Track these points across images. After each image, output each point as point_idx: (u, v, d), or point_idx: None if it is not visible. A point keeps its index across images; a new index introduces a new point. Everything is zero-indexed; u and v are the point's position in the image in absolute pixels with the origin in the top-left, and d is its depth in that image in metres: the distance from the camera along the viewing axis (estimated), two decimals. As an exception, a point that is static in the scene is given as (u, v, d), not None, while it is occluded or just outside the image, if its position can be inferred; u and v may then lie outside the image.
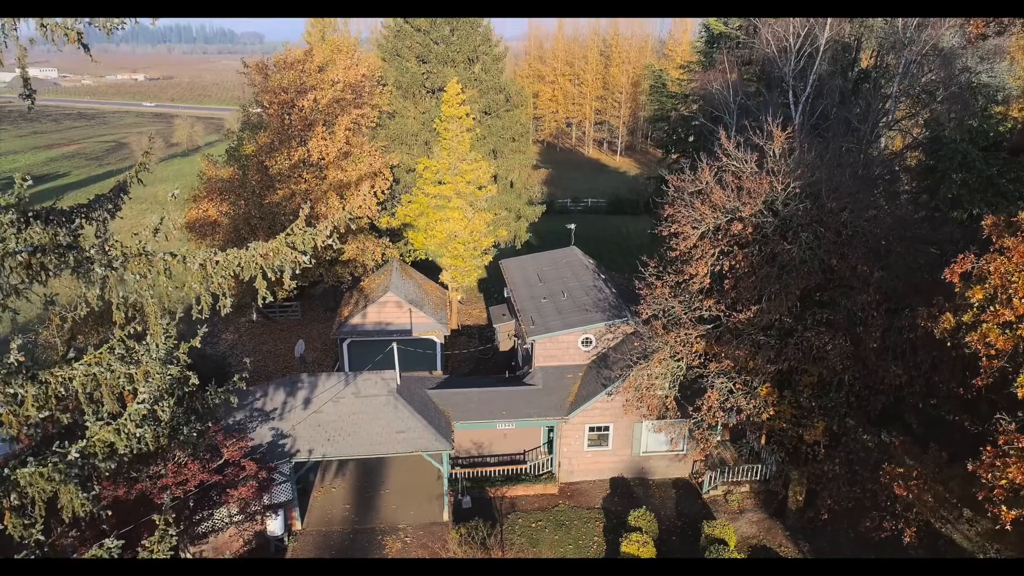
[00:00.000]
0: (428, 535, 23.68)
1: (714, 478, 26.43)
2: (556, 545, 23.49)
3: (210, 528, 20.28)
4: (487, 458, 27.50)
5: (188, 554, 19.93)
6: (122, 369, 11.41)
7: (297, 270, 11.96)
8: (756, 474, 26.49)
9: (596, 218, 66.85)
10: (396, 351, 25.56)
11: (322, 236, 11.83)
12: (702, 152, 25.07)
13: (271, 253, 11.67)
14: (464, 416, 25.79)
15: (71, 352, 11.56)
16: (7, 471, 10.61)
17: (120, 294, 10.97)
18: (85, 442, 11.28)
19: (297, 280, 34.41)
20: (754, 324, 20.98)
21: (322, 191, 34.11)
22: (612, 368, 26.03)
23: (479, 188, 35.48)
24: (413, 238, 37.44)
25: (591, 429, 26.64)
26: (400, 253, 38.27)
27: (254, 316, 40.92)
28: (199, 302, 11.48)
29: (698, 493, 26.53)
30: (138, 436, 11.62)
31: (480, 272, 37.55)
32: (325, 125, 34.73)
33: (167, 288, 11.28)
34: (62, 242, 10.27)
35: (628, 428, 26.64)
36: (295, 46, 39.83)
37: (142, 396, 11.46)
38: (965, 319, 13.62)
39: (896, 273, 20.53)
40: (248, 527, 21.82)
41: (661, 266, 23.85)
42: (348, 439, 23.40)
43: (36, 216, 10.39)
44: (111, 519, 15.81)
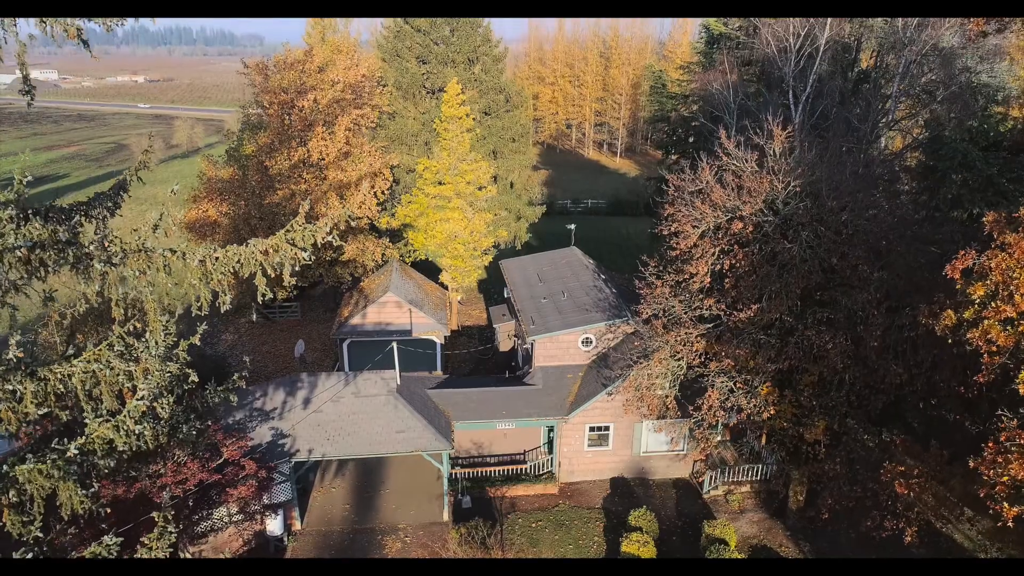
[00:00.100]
0: (428, 535, 23.63)
1: (714, 478, 26.38)
2: (556, 545, 23.44)
3: (209, 528, 20.25)
4: (487, 458, 27.45)
5: (187, 554, 19.85)
6: (121, 366, 11.36)
7: (297, 267, 11.93)
8: (757, 474, 26.45)
9: (596, 219, 66.92)
10: (396, 351, 25.54)
11: (322, 233, 11.80)
12: (702, 152, 25.05)
13: (271, 250, 11.63)
14: (464, 416, 25.76)
15: (70, 349, 11.50)
16: (6, 468, 10.57)
17: (119, 291, 10.93)
18: (84, 439, 11.24)
19: (297, 280, 34.49)
20: (755, 323, 20.96)
21: (322, 191, 34.08)
22: (612, 368, 25.99)
23: (479, 188, 35.48)
24: (413, 238, 37.42)
25: (591, 429, 26.60)
26: (400, 254, 38.24)
27: (254, 317, 41.00)
28: (199, 299, 11.46)
29: (698, 493, 26.49)
30: (137, 433, 11.58)
31: (480, 273, 37.52)
32: (325, 125, 34.71)
33: (166, 285, 11.25)
34: (61, 238, 10.24)
35: (628, 428, 26.60)
36: (295, 47, 39.84)
37: (141, 393, 11.43)
38: (966, 316, 13.60)
39: (897, 272, 20.51)
40: (248, 527, 21.79)
41: (661, 265, 23.84)
42: (348, 439, 23.36)
43: (36, 213, 10.36)
44: (110, 518, 15.83)
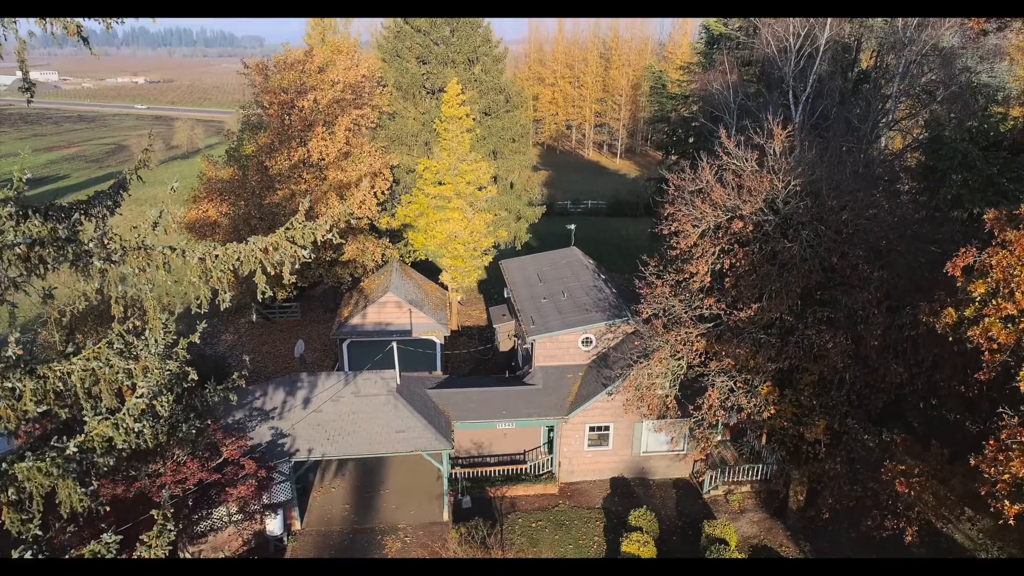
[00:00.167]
0: (428, 535, 23.59)
1: (715, 478, 26.35)
2: (556, 545, 23.40)
3: (209, 527, 20.21)
4: (487, 458, 27.42)
5: (187, 553, 19.82)
6: (121, 364, 11.34)
7: (297, 265, 11.91)
8: (757, 474, 26.42)
9: (596, 220, 66.93)
10: (396, 351, 25.52)
11: (322, 230, 11.79)
12: (702, 152, 25.04)
13: (271, 247, 11.62)
14: (464, 416, 25.73)
15: (70, 347, 11.48)
16: (5, 465, 10.54)
17: (119, 288, 10.91)
18: (83, 437, 11.22)
19: (297, 280, 34.34)
20: (755, 322, 20.94)
21: (322, 191, 34.07)
22: (612, 368, 25.97)
23: (479, 189, 35.47)
24: (413, 238, 37.40)
25: (591, 429, 26.57)
26: (400, 254, 38.22)
27: (254, 317, 40.99)
28: (198, 298, 11.44)
29: (699, 493, 26.45)
30: (137, 431, 11.56)
31: (480, 273, 37.50)
32: (325, 125, 34.70)
33: (166, 282, 11.24)
34: (61, 235, 10.22)
35: (628, 428, 26.57)
36: (295, 48, 39.84)
37: (140, 391, 11.40)
38: (967, 313, 13.58)
39: (897, 271, 20.49)
40: (247, 526, 21.75)
41: (661, 265, 23.82)
42: (348, 438, 23.33)
43: (35, 210, 10.35)
44: (110, 517, 15.80)
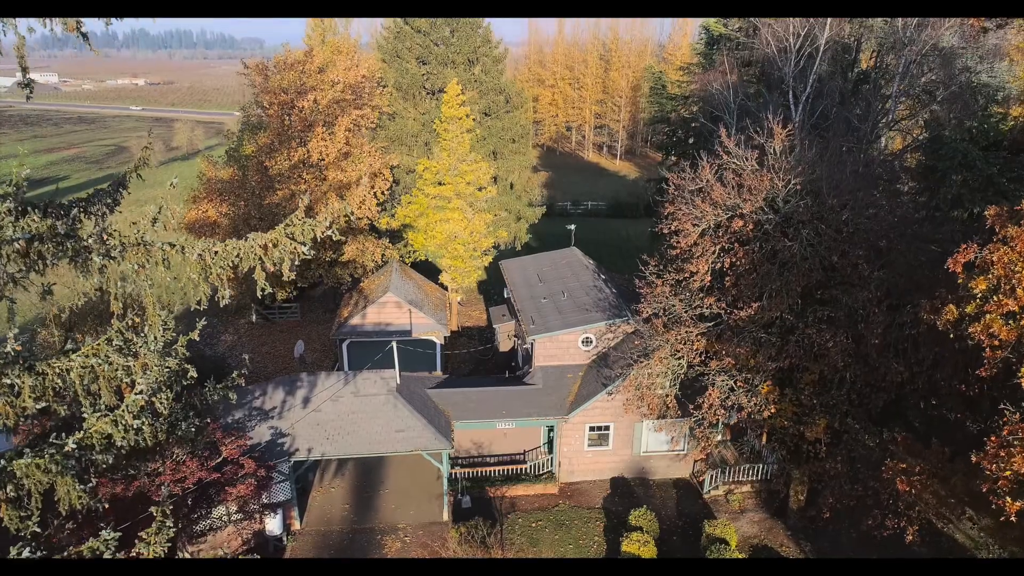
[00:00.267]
0: (428, 535, 23.54)
1: (715, 478, 26.30)
2: (556, 545, 23.35)
3: (208, 527, 20.16)
4: (487, 458, 27.37)
5: (186, 553, 19.77)
6: (120, 361, 11.32)
7: (296, 261, 11.88)
8: (757, 473, 26.37)
9: (596, 221, 66.92)
10: (396, 351, 25.49)
11: (321, 227, 11.76)
12: (702, 152, 25.04)
13: (270, 244, 11.59)
14: (464, 416, 25.69)
15: (68, 344, 11.45)
16: (3, 462, 10.51)
17: (118, 284, 10.89)
18: (82, 434, 11.19)
19: (297, 280, 34.25)
20: (755, 321, 20.91)
21: (322, 192, 34.05)
22: (612, 367, 25.93)
23: (479, 189, 35.46)
24: (413, 239, 37.38)
25: (591, 429, 26.53)
26: (400, 254, 38.21)
27: (253, 318, 40.94)
28: (198, 295, 11.42)
29: (699, 493, 26.41)
30: (136, 428, 11.53)
31: (480, 273, 37.48)
32: (325, 126, 34.70)
33: (165, 279, 11.21)
34: (60, 231, 10.19)
35: (628, 428, 26.53)
36: (295, 49, 39.85)
37: (139, 388, 11.38)
38: (968, 310, 13.55)
39: (897, 270, 20.47)
40: (247, 526, 21.69)
41: (661, 265, 23.80)
42: (347, 438, 23.29)
43: (34, 207, 10.32)
44: (109, 516, 15.77)
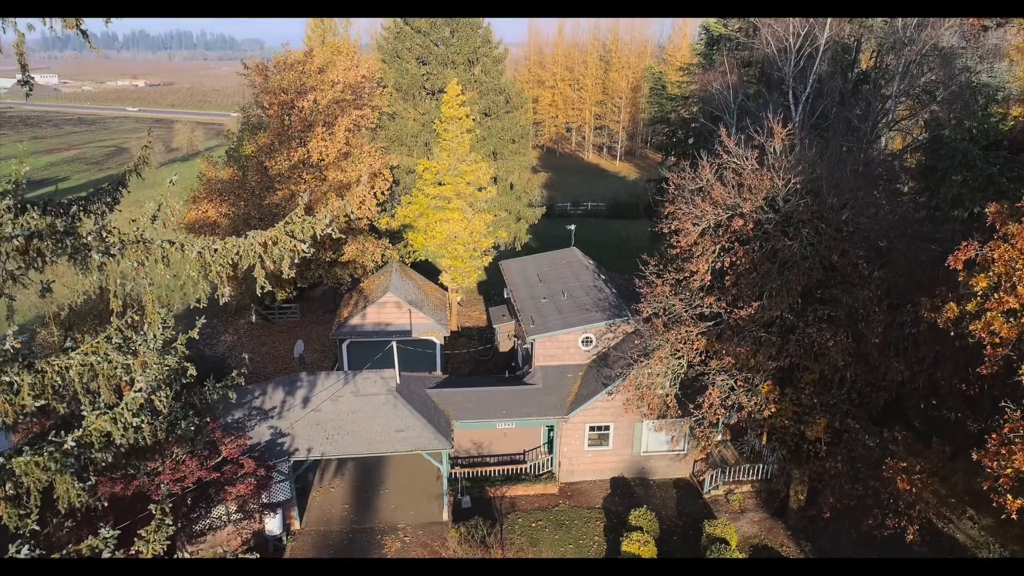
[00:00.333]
0: (428, 534, 23.50)
1: (715, 477, 26.27)
2: (556, 545, 23.32)
3: (208, 526, 20.13)
4: (487, 458, 27.33)
5: (185, 553, 19.72)
6: (119, 359, 11.29)
7: (296, 259, 11.85)
8: (757, 473, 26.34)
9: (596, 222, 66.90)
10: (396, 350, 25.47)
11: (321, 225, 11.73)
12: (702, 151, 25.03)
13: (270, 242, 11.57)
14: (464, 415, 25.65)
15: (68, 342, 11.43)
16: (2, 460, 10.48)
17: (118, 281, 10.86)
18: (81, 431, 11.16)
19: (296, 280, 34.14)
20: (755, 321, 20.89)
21: (322, 192, 34.04)
22: (612, 367, 25.91)
23: (479, 189, 35.45)
24: (413, 239, 37.37)
25: (591, 428, 26.49)
26: (400, 255, 38.19)
27: (253, 318, 40.92)
28: (197, 290, 11.39)
29: (699, 493, 26.37)
30: (135, 426, 11.50)
31: (479, 274, 37.45)
32: (325, 126, 34.69)
33: (164, 277, 11.19)
34: (59, 228, 10.17)
35: (628, 427, 26.50)
36: (295, 49, 39.85)
37: (139, 385, 11.35)
38: (969, 308, 13.52)
39: (897, 270, 20.45)
40: (246, 526, 21.65)
41: (662, 264, 23.78)
42: (347, 438, 23.26)
43: (34, 204, 10.31)
44: (108, 515, 15.74)
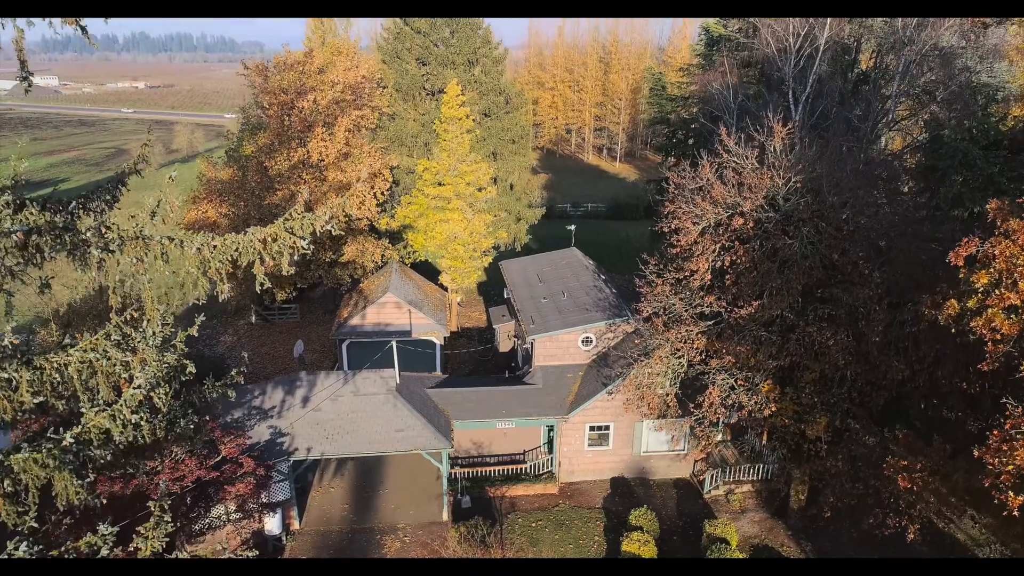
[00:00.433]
0: (427, 534, 23.45)
1: (715, 477, 26.22)
2: (556, 545, 23.27)
3: (207, 526, 20.09)
4: (487, 458, 27.28)
5: (184, 553, 19.66)
6: (118, 356, 11.26)
7: (295, 256, 11.83)
8: (757, 473, 26.29)
9: (596, 223, 66.91)
10: (395, 350, 25.44)
11: (321, 221, 11.71)
12: (702, 151, 25.03)
13: (269, 238, 11.55)
14: (464, 415, 25.62)
15: (67, 339, 11.40)
16: (0, 456, 10.46)
17: (117, 278, 10.84)
18: (80, 428, 11.13)
19: (296, 281, 34.04)
20: (755, 320, 20.86)
21: (322, 192, 34.03)
22: (612, 367, 25.88)
23: (479, 190, 35.45)
24: (413, 239, 37.36)
25: (591, 428, 26.46)
26: (399, 255, 38.18)
27: (253, 319, 40.90)
28: (196, 287, 11.36)
29: (699, 493, 26.32)
30: (134, 423, 11.47)
31: (479, 274, 37.43)
32: (325, 126, 34.68)
33: (164, 274, 11.16)
34: (58, 223, 10.15)
35: (629, 427, 26.46)
36: (295, 50, 39.86)
37: (138, 382, 11.32)
38: (970, 304, 13.49)
39: (898, 269, 20.43)
40: (245, 525, 21.62)
41: (662, 264, 23.76)
42: (347, 437, 23.22)
43: (33, 201, 10.29)
44: (107, 514, 15.69)
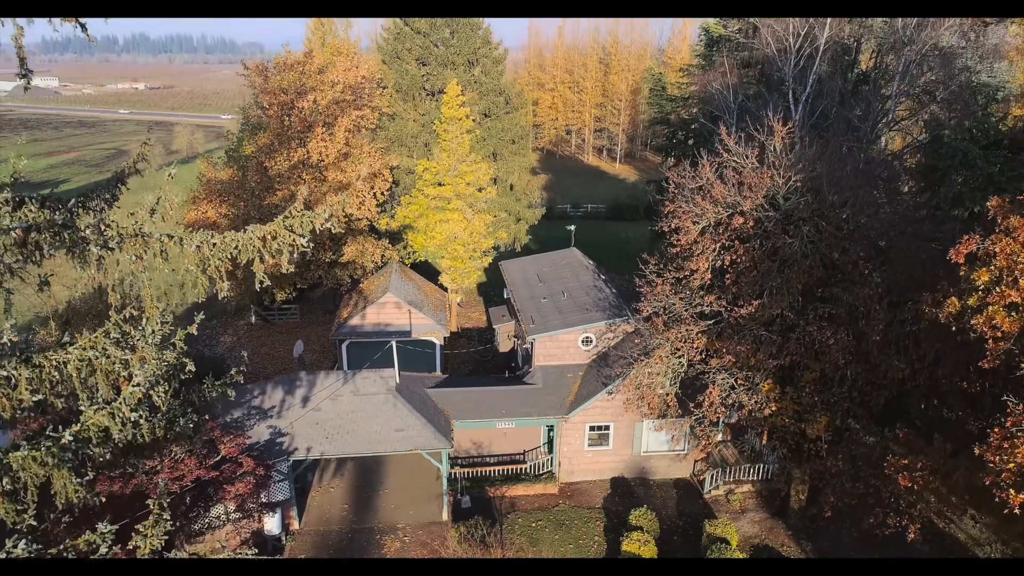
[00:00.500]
0: (427, 534, 23.42)
1: (715, 477, 26.20)
2: (556, 544, 23.23)
3: (206, 526, 20.07)
4: (487, 458, 27.25)
5: (184, 553, 19.63)
6: (117, 354, 11.23)
7: (295, 254, 11.82)
8: (758, 473, 26.27)
9: (596, 224, 66.92)
10: (395, 350, 25.41)
11: (320, 219, 11.69)
12: (702, 150, 25.02)
13: (269, 236, 11.53)
14: (464, 415, 25.59)
15: (66, 337, 11.38)
16: (-1, 454, 10.44)
17: (116, 276, 10.83)
18: (79, 426, 11.11)
19: (296, 281, 34.01)
20: (755, 319, 20.84)
21: (321, 192, 34.02)
22: (612, 367, 25.86)
23: (479, 190, 35.44)
24: (412, 239, 37.35)
25: (591, 428, 26.43)
26: (399, 255, 38.16)
27: (253, 319, 40.86)
28: (195, 285, 11.35)
29: (699, 493, 26.29)
30: (133, 421, 11.45)
31: (479, 275, 37.42)
32: (325, 126, 34.67)
33: (163, 271, 11.15)
34: (57, 221, 10.14)
35: (629, 427, 26.43)
36: (295, 51, 39.87)
37: (137, 379, 11.30)
38: (970, 302, 13.48)
39: (898, 268, 20.41)
40: (245, 525, 21.58)
41: (662, 263, 23.75)
42: (347, 437, 23.20)
43: (32, 198, 10.27)
44: (106, 513, 15.65)
